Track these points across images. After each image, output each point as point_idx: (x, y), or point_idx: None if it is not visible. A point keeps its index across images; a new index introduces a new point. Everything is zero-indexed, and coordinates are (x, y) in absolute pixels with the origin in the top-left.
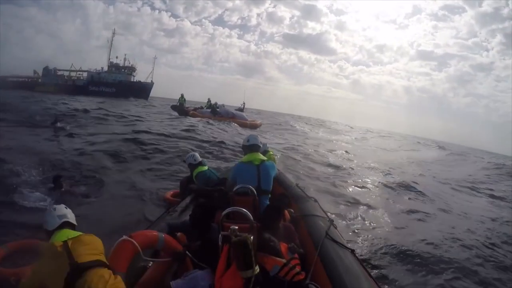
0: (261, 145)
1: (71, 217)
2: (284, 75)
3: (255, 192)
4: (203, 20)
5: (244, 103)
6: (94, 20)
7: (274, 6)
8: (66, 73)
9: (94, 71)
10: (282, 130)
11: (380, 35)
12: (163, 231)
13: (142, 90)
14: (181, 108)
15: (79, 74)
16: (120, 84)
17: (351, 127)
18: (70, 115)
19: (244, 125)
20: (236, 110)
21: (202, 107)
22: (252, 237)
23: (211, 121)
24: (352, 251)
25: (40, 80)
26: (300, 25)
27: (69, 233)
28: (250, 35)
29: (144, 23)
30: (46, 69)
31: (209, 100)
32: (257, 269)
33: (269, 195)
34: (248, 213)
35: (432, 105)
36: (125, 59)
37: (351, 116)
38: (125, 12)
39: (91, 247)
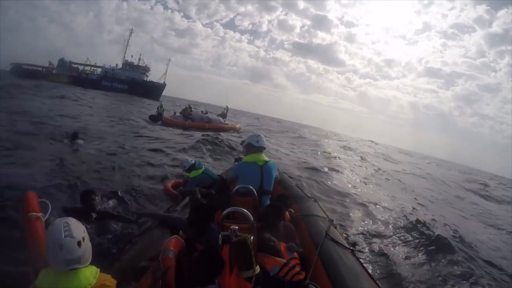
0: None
1: (85, 257)
2: (291, 83)
3: (256, 192)
4: (215, 22)
5: (227, 107)
6: (107, 14)
7: (286, 14)
8: (80, 67)
9: (109, 67)
10: (293, 138)
11: (389, 49)
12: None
13: (154, 90)
14: (158, 116)
15: (93, 69)
16: (133, 82)
17: (375, 143)
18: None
19: (221, 129)
20: (218, 115)
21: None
22: (252, 237)
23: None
24: (352, 251)
25: (54, 71)
26: (310, 34)
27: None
28: (260, 41)
29: (156, 22)
30: (61, 61)
31: (189, 107)
32: (257, 269)
33: (270, 196)
34: (248, 213)
35: (437, 122)
36: (139, 59)
37: (356, 129)
38: (138, 9)
39: None
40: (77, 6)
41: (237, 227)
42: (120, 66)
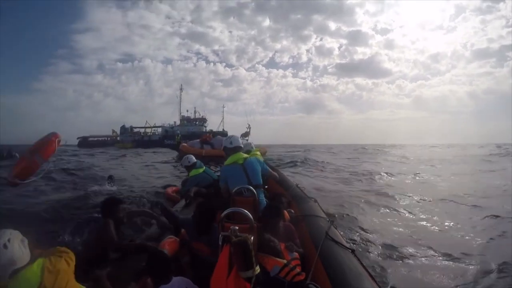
0: (243, 146)
1: (17, 256)
2: (344, 105)
3: (255, 192)
4: (256, 65)
5: (249, 126)
6: (155, 79)
7: (321, 39)
8: (141, 130)
9: (168, 125)
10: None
11: (430, 44)
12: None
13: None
14: (177, 145)
15: (154, 130)
16: (194, 135)
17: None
18: None
19: None
20: (242, 134)
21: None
22: (252, 238)
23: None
24: (352, 251)
25: (118, 138)
26: (349, 52)
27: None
28: (303, 72)
29: (202, 77)
30: (123, 128)
31: (211, 131)
32: (257, 269)
33: (263, 190)
34: (248, 213)
35: (502, 105)
36: (195, 112)
37: (421, 136)
38: (183, 69)
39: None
40: (127, 78)
41: (237, 227)
42: (178, 123)
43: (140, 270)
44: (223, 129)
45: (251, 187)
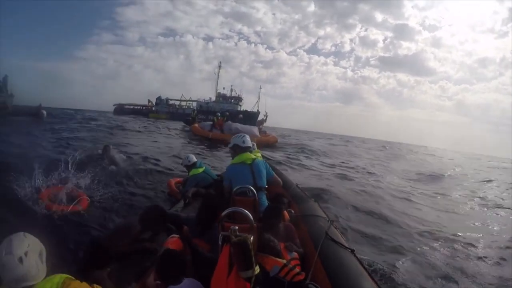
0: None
1: (32, 273)
2: (383, 100)
3: (255, 192)
4: (298, 50)
5: (266, 113)
6: (195, 55)
7: (366, 30)
8: (177, 103)
9: (203, 101)
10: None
11: (479, 47)
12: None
13: (249, 118)
14: (192, 121)
15: (189, 103)
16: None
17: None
18: None
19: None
20: (258, 121)
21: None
22: (252, 238)
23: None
24: (352, 251)
25: (153, 108)
26: (394, 46)
27: None
28: (345, 61)
29: (242, 56)
30: (159, 99)
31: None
32: (257, 269)
33: (265, 192)
34: (248, 213)
35: None
36: (231, 90)
37: (457, 142)
38: (224, 47)
39: None
40: (168, 52)
41: (237, 227)
42: (213, 99)
43: (140, 270)
44: (257, 110)
45: (252, 188)
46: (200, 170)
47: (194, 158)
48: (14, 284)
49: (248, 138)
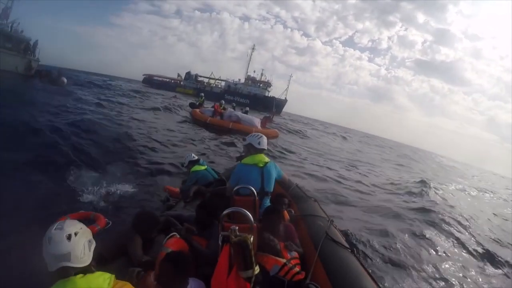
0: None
1: (76, 254)
2: (413, 104)
3: (256, 193)
4: (334, 40)
5: (286, 99)
6: (230, 34)
7: (406, 29)
8: (205, 80)
9: (232, 81)
10: None
11: None
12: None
13: (275, 106)
14: (198, 106)
15: (218, 82)
16: (255, 97)
17: None
18: None
19: (248, 132)
20: (274, 109)
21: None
22: (252, 237)
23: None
24: (352, 251)
25: (182, 83)
26: (432, 50)
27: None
28: (380, 58)
29: (277, 40)
30: (188, 74)
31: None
32: (257, 269)
33: (270, 196)
34: (248, 213)
35: None
36: (262, 74)
37: (483, 159)
38: (259, 29)
39: None
40: (203, 27)
41: (237, 227)
42: (242, 80)
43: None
44: (285, 97)
45: (251, 188)
46: (202, 167)
47: (194, 157)
48: (53, 261)
49: (265, 139)
